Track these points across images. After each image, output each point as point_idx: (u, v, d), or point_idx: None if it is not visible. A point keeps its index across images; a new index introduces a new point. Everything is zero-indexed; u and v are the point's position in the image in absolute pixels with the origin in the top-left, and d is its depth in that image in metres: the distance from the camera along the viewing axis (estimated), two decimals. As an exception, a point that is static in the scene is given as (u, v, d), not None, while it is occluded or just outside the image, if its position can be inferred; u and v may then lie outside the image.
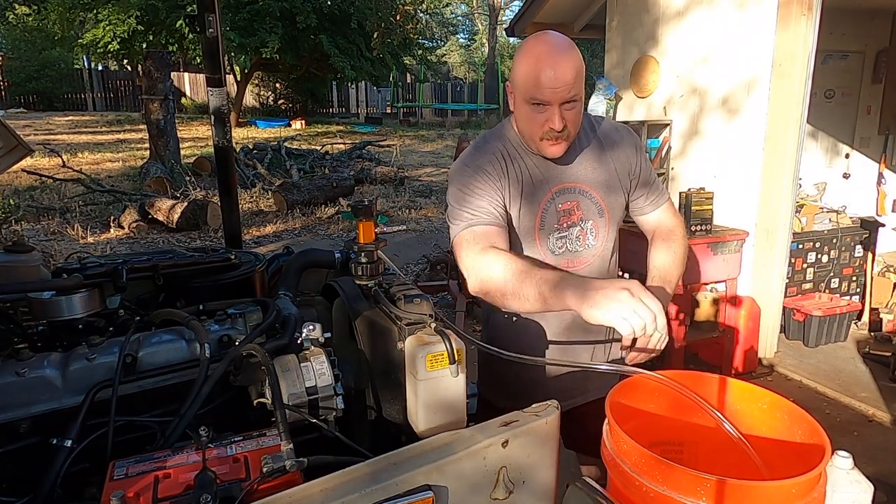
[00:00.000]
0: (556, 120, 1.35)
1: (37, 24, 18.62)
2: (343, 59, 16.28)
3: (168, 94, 9.34)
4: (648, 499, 0.94)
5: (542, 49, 1.34)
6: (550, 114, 1.35)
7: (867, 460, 2.82)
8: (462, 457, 0.87)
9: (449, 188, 1.50)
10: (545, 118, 1.36)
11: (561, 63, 1.31)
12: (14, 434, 0.95)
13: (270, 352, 1.04)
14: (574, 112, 1.38)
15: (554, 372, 1.60)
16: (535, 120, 1.38)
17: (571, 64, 1.32)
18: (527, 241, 1.52)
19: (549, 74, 1.31)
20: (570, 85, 1.32)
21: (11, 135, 2.26)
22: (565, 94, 1.33)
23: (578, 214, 1.53)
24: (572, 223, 1.53)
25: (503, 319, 1.60)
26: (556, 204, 1.51)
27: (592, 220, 1.54)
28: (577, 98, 1.36)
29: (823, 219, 4.32)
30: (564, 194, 1.52)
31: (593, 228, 1.55)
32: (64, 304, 1.12)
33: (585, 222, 1.54)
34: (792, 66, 3.50)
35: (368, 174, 10.19)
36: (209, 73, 2.22)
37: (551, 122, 1.36)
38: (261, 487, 0.82)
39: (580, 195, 1.53)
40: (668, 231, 1.64)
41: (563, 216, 1.52)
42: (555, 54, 1.32)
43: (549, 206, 1.51)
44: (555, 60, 1.32)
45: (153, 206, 7.09)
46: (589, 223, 1.54)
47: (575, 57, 1.34)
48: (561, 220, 1.52)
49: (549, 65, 1.31)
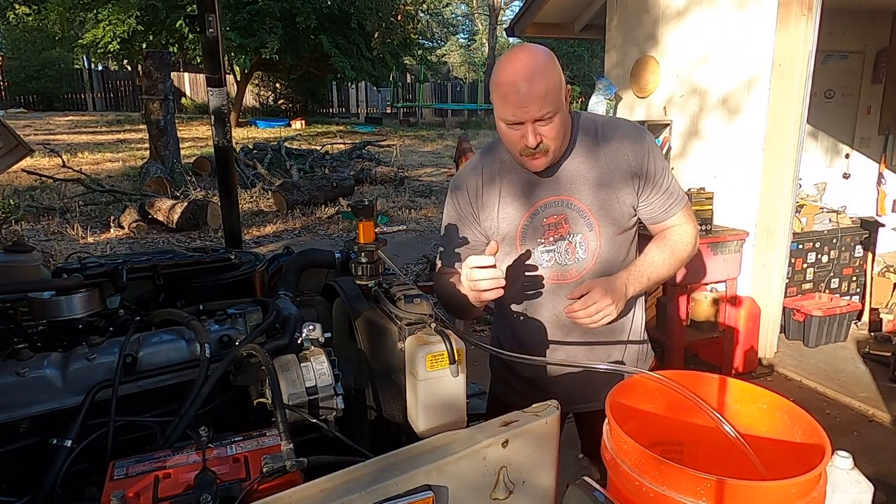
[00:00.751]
0: (530, 138, 1.35)
1: (37, 24, 18.65)
2: (343, 59, 16.28)
3: (168, 94, 9.34)
4: (648, 499, 0.94)
5: (511, 67, 1.33)
6: (524, 131, 1.35)
7: (867, 460, 2.82)
8: (462, 457, 0.87)
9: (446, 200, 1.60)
10: (520, 135, 1.36)
11: (531, 79, 1.30)
12: (14, 434, 0.96)
13: (270, 352, 1.04)
14: (550, 127, 1.35)
15: (565, 373, 1.58)
16: (512, 137, 1.39)
17: (543, 79, 1.30)
18: (510, 253, 1.52)
19: (517, 96, 1.31)
20: (541, 101, 1.31)
21: (11, 135, 2.26)
22: (535, 112, 1.32)
23: (567, 228, 1.48)
24: (560, 237, 1.49)
25: (511, 320, 1.59)
26: (542, 217, 1.48)
27: (581, 233, 1.48)
28: (550, 115, 1.34)
29: (823, 219, 4.32)
30: (550, 207, 1.48)
31: (583, 242, 1.49)
32: (64, 304, 1.12)
33: (574, 235, 1.48)
34: (792, 66, 3.49)
35: (368, 174, 10.19)
36: (209, 73, 2.22)
37: (525, 139, 1.35)
38: (261, 487, 0.83)
39: (567, 208, 1.48)
40: (674, 232, 1.55)
41: (550, 230, 1.48)
42: (524, 71, 1.31)
43: (532, 219, 1.49)
44: (522, 80, 1.30)
45: (153, 206, 7.09)
46: (578, 237, 1.48)
47: (548, 70, 1.32)
48: (547, 234, 1.49)
49: (517, 86, 1.30)
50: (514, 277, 1.50)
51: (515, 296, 1.55)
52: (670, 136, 4.34)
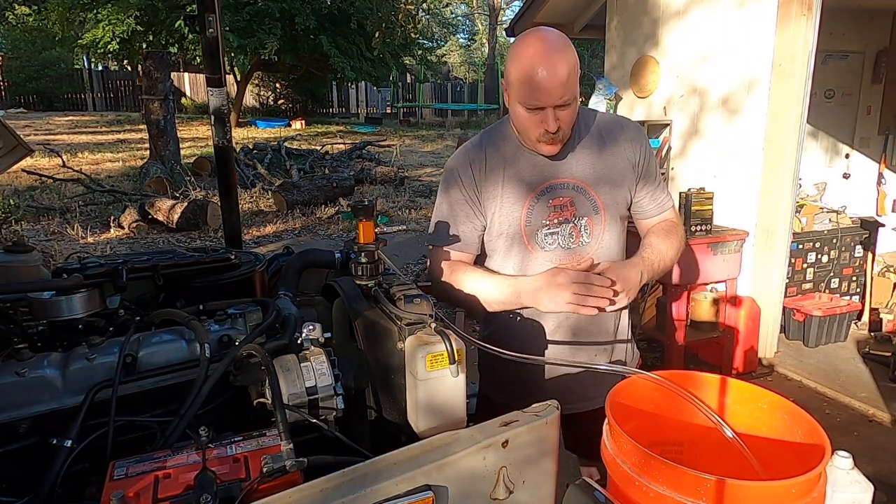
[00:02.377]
0: (551, 122, 1.34)
1: (37, 24, 18.64)
2: (343, 59, 16.27)
3: (168, 94, 9.34)
4: (648, 499, 0.94)
5: (534, 50, 1.31)
6: (545, 116, 1.34)
7: (867, 460, 2.82)
8: (462, 457, 0.87)
9: (440, 184, 1.57)
10: (540, 120, 1.35)
11: (554, 64, 1.28)
12: (14, 434, 0.95)
13: (270, 352, 1.04)
14: (568, 112, 1.36)
15: (555, 373, 1.58)
16: (529, 121, 1.38)
17: (565, 65, 1.29)
18: (514, 238, 1.51)
19: (543, 77, 1.29)
20: (563, 86, 1.30)
21: (11, 135, 2.25)
22: (559, 96, 1.31)
23: (572, 210, 1.49)
24: (564, 219, 1.49)
25: (505, 318, 1.59)
26: (547, 199, 1.48)
27: (587, 216, 1.49)
28: (571, 99, 1.34)
29: (823, 219, 4.32)
30: (556, 190, 1.48)
31: (588, 225, 1.50)
32: (64, 304, 1.12)
33: (580, 219, 1.49)
34: (792, 66, 3.50)
35: (368, 174, 10.19)
36: (209, 73, 2.22)
37: (546, 124, 1.35)
38: (261, 487, 0.82)
39: (574, 191, 1.49)
40: (670, 224, 1.59)
41: (554, 212, 1.49)
42: (548, 55, 1.29)
43: (538, 201, 1.48)
44: (548, 62, 1.28)
45: (153, 206, 7.09)
46: (583, 220, 1.49)
47: (569, 56, 1.31)
48: (551, 216, 1.49)
49: (542, 67, 1.28)
50: (520, 267, 1.52)
51: None
52: (670, 136, 4.34)
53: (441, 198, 1.56)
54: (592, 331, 1.58)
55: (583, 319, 1.53)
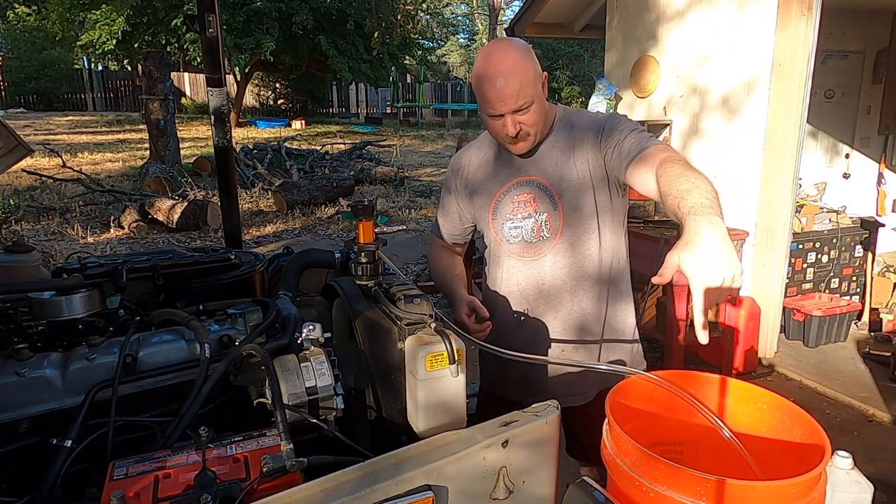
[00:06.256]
0: (510, 127, 1.44)
1: (37, 24, 18.63)
2: (341, 60, 16.25)
3: (168, 94, 9.34)
4: (648, 499, 0.94)
5: (484, 61, 1.42)
6: (504, 121, 1.44)
7: (867, 460, 2.82)
8: (462, 457, 0.87)
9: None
10: (501, 125, 1.45)
11: (503, 74, 1.38)
12: (14, 434, 0.95)
13: (270, 352, 1.04)
14: (528, 115, 1.43)
15: (555, 371, 1.60)
16: (493, 126, 1.49)
17: (515, 78, 1.38)
18: (484, 227, 1.66)
19: (493, 91, 1.39)
20: (515, 97, 1.39)
21: (11, 135, 2.26)
22: (512, 105, 1.40)
23: (535, 206, 1.56)
24: (527, 214, 1.57)
25: (505, 318, 1.60)
26: (513, 195, 1.58)
27: (547, 213, 1.55)
28: (527, 105, 1.41)
29: (823, 219, 4.31)
30: (522, 186, 1.57)
31: (548, 221, 1.56)
32: (64, 304, 1.12)
33: (540, 214, 1.56)
34: (792, 66, 3.49)
35: (368, 174, 10.19)
36: (209, 73, 2.22)
37: (506, 128, 1.45)
38: (261, 487, 0.83)
39: (537, 188, 1.56)
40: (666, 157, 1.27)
41: (518, 206, 1.57)
42: (496, 67, 1.39)
43: (505, 196, 1.59)
44: (498, 76, 1.38)
45: (153, 206, 7.09)
46: (543, 216, 1.56)
47: (519, 69, 1.39)
48: (515, 211, 1.58)
49: (493, 82, 1.39)
50: (494, 259, 1.66)
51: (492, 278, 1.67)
52: (670, 136, 4.34)
53: (442, 191, 1.79)
54: (597, 330, 1.61)
55: (590, 319, 1.59)
